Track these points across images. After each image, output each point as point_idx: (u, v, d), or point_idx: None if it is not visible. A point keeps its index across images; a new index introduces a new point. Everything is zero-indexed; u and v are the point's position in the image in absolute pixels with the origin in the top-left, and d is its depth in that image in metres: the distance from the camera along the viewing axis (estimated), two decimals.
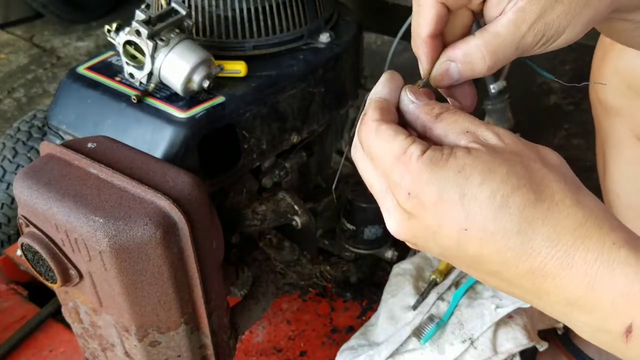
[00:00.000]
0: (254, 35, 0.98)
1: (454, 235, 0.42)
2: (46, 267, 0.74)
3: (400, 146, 0.43)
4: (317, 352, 1.22)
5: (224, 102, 0.91)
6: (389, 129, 0.44)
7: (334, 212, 1.25)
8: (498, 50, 0.47)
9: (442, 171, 0.41)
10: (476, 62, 0.48)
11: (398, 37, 1.11)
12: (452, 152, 0.42)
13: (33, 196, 0.71)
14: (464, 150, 0.42)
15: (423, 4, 0.49)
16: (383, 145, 0.44)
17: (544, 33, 0.46)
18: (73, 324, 0.88)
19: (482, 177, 0.41)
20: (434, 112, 0.46)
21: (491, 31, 0.47)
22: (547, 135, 1.97)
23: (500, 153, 0.42)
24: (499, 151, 0.42)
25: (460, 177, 0.41)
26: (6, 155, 1.32)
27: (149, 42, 0.85)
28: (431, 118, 0.46)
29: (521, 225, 0.40)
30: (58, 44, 2.65)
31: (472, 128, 0.44)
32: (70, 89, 0.96)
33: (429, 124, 0.45)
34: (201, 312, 0.79)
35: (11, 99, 2.32)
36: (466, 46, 0.48)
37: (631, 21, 0.51)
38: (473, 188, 0.41)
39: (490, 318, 0.96)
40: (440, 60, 0.49)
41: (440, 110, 0.46)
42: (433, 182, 0.41)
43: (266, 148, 0.99)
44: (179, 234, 0.70)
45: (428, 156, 0.42)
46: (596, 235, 0.40)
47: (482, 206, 0.41)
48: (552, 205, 0.41)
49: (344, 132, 1.25)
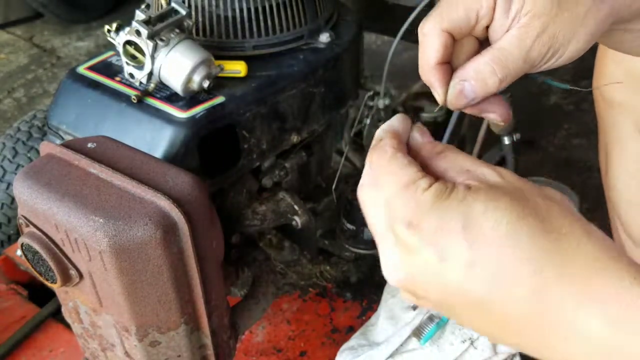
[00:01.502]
0: (254, 35, 0.98)
1: (457, 271, 0.40)
2: (46, 267, 0.74)
3: (410, 176, 0.43)
4: (317, 352, 1.22)
5: (224, 102, 0.91)
6: (404, 158, 0.44)
7: (334, 212, 1.26)
8: (507, 62, 0.47)
9: (445, 202, 0.41)
10: (488, 77, 0.48)
11: (398, 37, 1.11)
12: (455, 186, 0.41)
13: (33, 196, 0.71)
14: (463, 186, 0.42)
15: (428, 34, 0.49)
16: (395, 171, 0.44)
17: (549, 46, 0.47)
18: (73, 324, 0.88)
19: (484, 205, 0.40)
20: (437, 149, 0.47)
21: (497, 47, 0.48)
22: (547, 135, 1.97)
23: (501, 188, 0.41)
24: (499, 187, 0.42)
25: (462, 205, 0.40)
26: (6, 155, 1.32)
27: (149, 42, 0.85)
28: (434, 154, 0.46)
29: (532, 253, 0.38)
30: (58, 44, 2.66)
31: (473, 167, 0.44)
32: (70, 89, 0.96)
33: (431, 159, 0.46)
34: (201, 312, 0.79)
35: (11, 99, 2.32)
36: (475, 64, 0.49)
37: (630, 31, 0.52)
38: (476, 217, 0.39)
39: None
40: (452, 83, 0.50)
41: (443, 148, 0.47)
42: (434, 211, 0.40)
43: (266, 148, 0.99)
44: (179, 234, 0.70)
45: (434, 189, 0.41)
46: (614, 270, 0.37)
47: (486, 235, 0.39)
48: (560, 236, 0.39)
49: (344, 132, 1.25)
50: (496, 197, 0.40)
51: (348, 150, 1.25)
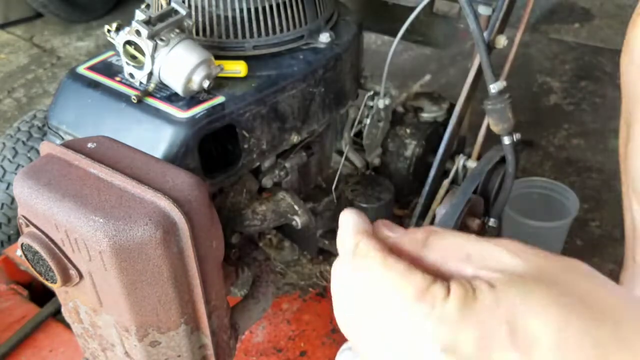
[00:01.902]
0: (254, 35, 0.98)
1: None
2: (46, 267, 0.74)
3: (420, 284, 0.34)
4: (317, 352, 1.22)
5: (224, 102, 0.91)
6: (399, 262, 0.36)
7: (334, 212, 1.26)
8: None
9: (475, 309, 0.33)
10: None
11: (398, 37, 1.11)
12: (473, 285, 0.34)
13: (33, 196, 0.71)
14: (485, 283, 0.34)
15: None
16: (397, 281, 0.35)
17: None
18: (73, 324, 0.88)
19: (524, 303, 0.33)
20: (418, 238, 0.38)
21: None
22: (547, 135, 1.97)
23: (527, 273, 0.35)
24: (523, 273, 0.35)
25: (500, 308, 0.33)
26: (6, 155, 1.32)
27: (149, 42, 0.85)
28: (418, 246, 0.38)
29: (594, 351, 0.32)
30: (58, 44, 2.66)
31: (472, 250, 0.37)
32: (70, 89, 0.96)
33: (418, 253, 0.38)
34: (201, 312, 0.79)
35: (11, 99, 2.32)
36: None
37: None
38: (520, 319, 0.32)
39: None
40: None
41: (424, 234, 0.38)
42: (468, 324, 0.33)
43: (266, 148, 0.99)
44: (179, 234, 0.70)
45: (456, 295, 0.33)
46: None
47: (539, 339, 0.32)
48: (613, 323, 0.33)
49: (344, 132, 1.25)
50: (531, 289, 0.33)
51: (348, 150, 1.25)
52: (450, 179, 1.24)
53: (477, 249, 0.37)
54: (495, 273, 0.35)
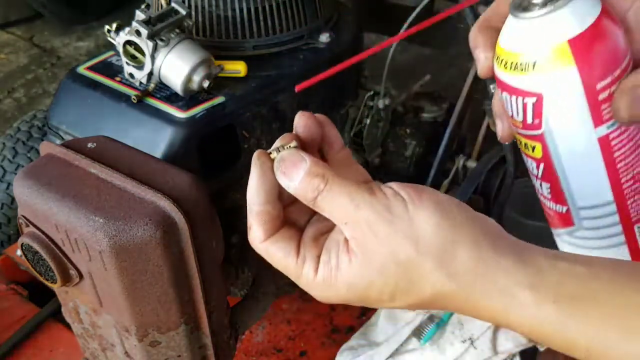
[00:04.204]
0: (254, 35, 0.98)
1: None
2: (46, 267, 0.74)
3: (294, 270, 0.45)
4: (317, 352, 1.22)
5: (224, 102, 0.91)
6: (278, 252, 0.45)
7: None
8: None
9: (334, 289, 0.43)
10: None
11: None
12: (338, 264, 0.43)
13: (33, 196, 0.71)
14: (346, 257, 0.43)
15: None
16: (280, 262, 0.45)
17: None
18: (73, 324, 0.88)
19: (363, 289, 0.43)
20: (310, 197, 0.43)
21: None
22: None
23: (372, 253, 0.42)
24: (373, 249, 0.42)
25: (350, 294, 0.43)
26: (6, 155, 1.32)
27: (149, 42, 0.85)
28: (311, 203, 0.44)
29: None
30: (58, 44, 2.66)
31: (350, 217, 0.42)
32: (70, 89, 0.96)
33: (313, 208, 0.44)
34: (201, 312, 0.79)
35: (11, 99, 2.32)
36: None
37: None
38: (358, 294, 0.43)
39: None
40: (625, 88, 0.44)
41: (314, 193, 0.43)
42: (332, 298, 0.44)
43: (266, 148, 0.99)
44: (179, 234, 0.70)
45: (321, 276, 0.43)
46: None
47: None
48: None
49: (344, 132, 1.25)
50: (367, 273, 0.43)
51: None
52: (450, 179, 1.23)
53: (353, 213, 0.42)
54: (353, 245, 0.42)
